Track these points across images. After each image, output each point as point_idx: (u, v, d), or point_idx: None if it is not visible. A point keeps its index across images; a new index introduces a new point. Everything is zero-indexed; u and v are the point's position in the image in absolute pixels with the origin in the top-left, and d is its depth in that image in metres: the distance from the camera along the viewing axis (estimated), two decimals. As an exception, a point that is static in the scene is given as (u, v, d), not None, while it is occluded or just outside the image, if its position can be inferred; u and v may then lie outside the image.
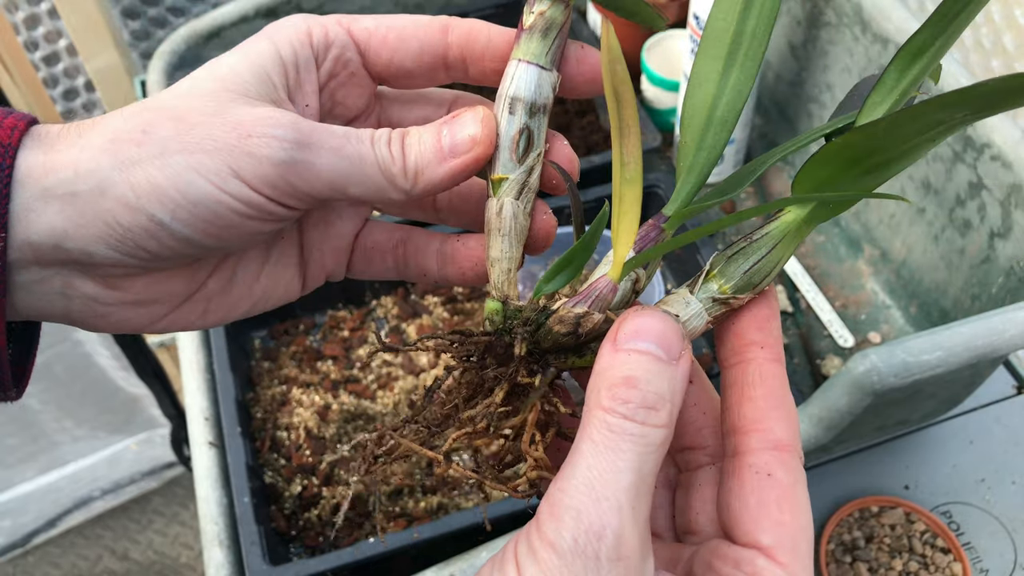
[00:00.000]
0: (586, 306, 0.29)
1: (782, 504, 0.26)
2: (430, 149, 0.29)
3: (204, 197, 0.27)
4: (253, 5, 0.87)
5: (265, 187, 0.27)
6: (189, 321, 0.32)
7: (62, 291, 0.28)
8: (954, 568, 0.61)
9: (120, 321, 0.30)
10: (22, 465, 1.24)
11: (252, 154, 0.27)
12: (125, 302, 0.30)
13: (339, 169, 0.28)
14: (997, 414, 0.70)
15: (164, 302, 0.31)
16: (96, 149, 0.27)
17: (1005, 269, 0.63)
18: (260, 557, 0.57)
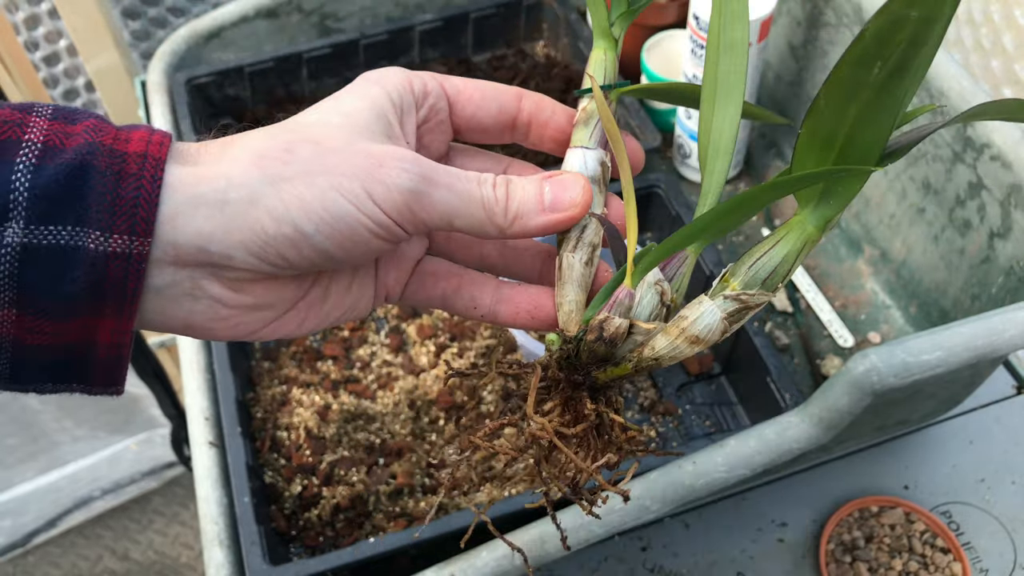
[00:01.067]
0: (607, 313, 0.33)
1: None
2: (532, 199, 0.33)
3: (345, 215, 0.30)
4: (253, 5, 0.87)
5: (393, 211, 0.31)
6: (289, 329, 0.35)
7: (190, 292, 0.31)
8: (954, 568, 0.61)
9: (235, 326, 0.33)
10: (22, 465, 1.24)
11: (383, 182, 0.31)
12: (244, 306, 0.32)
13: (450, 203, 0.32)
14: (997, 414, 0.70)
15: (275, 308, 0.34)
16: (245, 163, 0.30)
17: (1005, 269, 0.63)
18: (260, 557, 0.57)
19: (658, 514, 0.50)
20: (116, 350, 0.31)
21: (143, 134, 0.30)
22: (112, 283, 0.29)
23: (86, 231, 0.28)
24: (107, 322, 0.30)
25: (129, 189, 0.29)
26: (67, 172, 0.28)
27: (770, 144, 0.87)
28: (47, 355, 0.30)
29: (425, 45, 0.91)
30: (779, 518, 0.65)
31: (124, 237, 0.29)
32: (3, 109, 0.29)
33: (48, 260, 0.28)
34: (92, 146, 0.29)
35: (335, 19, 0.91)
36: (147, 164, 0.29)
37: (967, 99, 0.63)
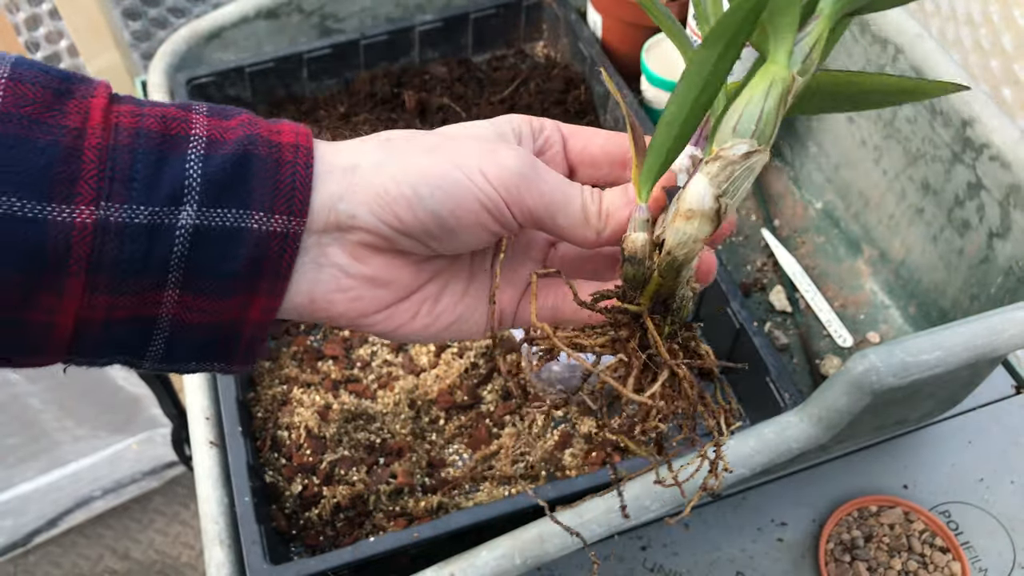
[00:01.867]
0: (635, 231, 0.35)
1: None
2: (619, 198, 0.36)
3: (458, 183, 0.33)
4: (253, 6, 0.87)
5: (502, 188, 0.33)
6: (401, 320, 0.37)
7: (316, 260, 0.34)
8: (953, 567, 0.61)
9: (354, 299, 0.35)
10: (23, 465, 1.24)
11: (497, 161, 0.34)
12: (364, 277, 0.35)
13: (555, 197, 0.35)
14: (996, 414, 0.70)
15: (391, 289, 0.36)
16: (374, 143, 0.35)
17: (1004, 269, 0.63)
18: (261, 556, 0.57)
19: (658, 514, 0.50)
20: (261, 329, 0.34)
21: (291, 127, 0.34)
22: (269, 261, 0.32)
23: (250, 213, 0.32)
24: (260, 300, 0.33)
25: (286, 175, 0.32)
26: (233, 160, 0.32)
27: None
28: (201, 333, 0.33)
29: (425, 45, 0.91)
30: (779, 518, 0.65)
31: (284, 217, 0.32)
32: (168, 107, 0.32)
33: (216, 240, 0.31)
34: (251, 138, 0.33)
35: (335, 19, 0.91)
36: (300, 153, 0.33)
37: (966, 99, 0.63)
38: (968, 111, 0.63)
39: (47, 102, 0.30)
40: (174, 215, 0.31)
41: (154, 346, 0.33)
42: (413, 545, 0.57)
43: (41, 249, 0.29)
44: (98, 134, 0.30)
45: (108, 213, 0.30)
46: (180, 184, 0.31)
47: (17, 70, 0.30)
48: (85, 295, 0.31)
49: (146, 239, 0.31)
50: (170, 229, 0.31)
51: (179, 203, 0.31)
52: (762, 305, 0.77)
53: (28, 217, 0.29)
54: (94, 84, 0.32)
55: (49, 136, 0.30)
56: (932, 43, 0.66)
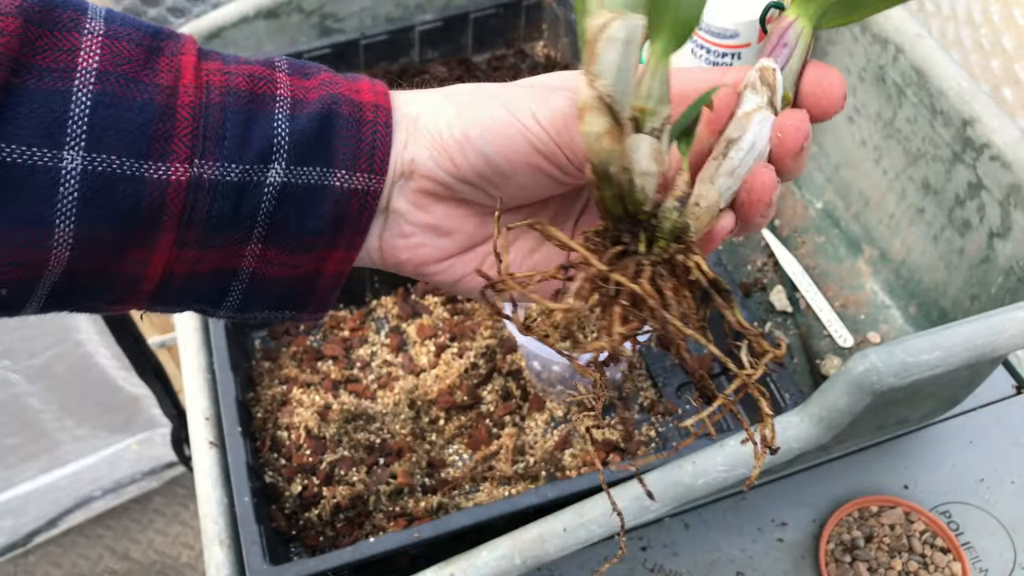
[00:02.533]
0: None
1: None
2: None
3: (508, 125, 0.33)
4: (253, 5, 0.87)
5: (552, 129, 0.33)
6: (463, 272, 0.37)
7: (383, 208, 0.35)
8: (953, 568, 0.61)
9: (416, 246, 0.35)
10: (23, 465, 1.24)
11: (548, 103, 0.33)
12: (426, 224, 0.35)
13: None
14: (997, 414, 0.70)
15: (454, 238, 0.36)
16: (440, 94, 0.35)
17: (1004, 269, 0.63)
18: (260, 556, 0.57)
19: (658, 514, 0.50)
20: (336, 280, 0.35)
21: (369, 85, 0.35)
22: (350, 217, 0.33)
23: (333, 171, 0.33)
24: (338, 254, 0.34)
25: (367, 134, 0.33)
26: (318, 120, 0.33)
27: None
28: (279, 286, 0.34)
29: (425, 45, 0.91)
30: (779, 518, 0.65)
31: (365, 175, 0.33)
32: (253, 65, 0.33)
33: (301, 197, 0.32)
34: (335, 97, 0.33)
35: (335, 19, 0.91)
36: (380, 112, 0.34)
37: (966, 99, 0.63)
38: (969, 111, 0.63)
39: (141, 60, 0.30)
40: (263, 172, 0.32)
41: (231, 297, 0.34)
42: (413, 545, 0.57)
43: (137, 207, 0.30)
44: (191, 92, 0.31)
45: (202, 171, 0.31)
46: (269, 143, 0.32)
47: (111, 26, 0.30)
48: (174, 250, 0.31)
49: (236, 196, 0.31)
50: (259, 186, 0.32)
51: (268, 161, 0.32)
52: (762, 305, 0.77)
53: (127, 175, 0.30)
54: (182, 40, 0.32)
55: (144, 95, 0.30)
56: (932, 43, 0.66)
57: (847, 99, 0.76)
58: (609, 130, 0.29)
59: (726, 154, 0.31)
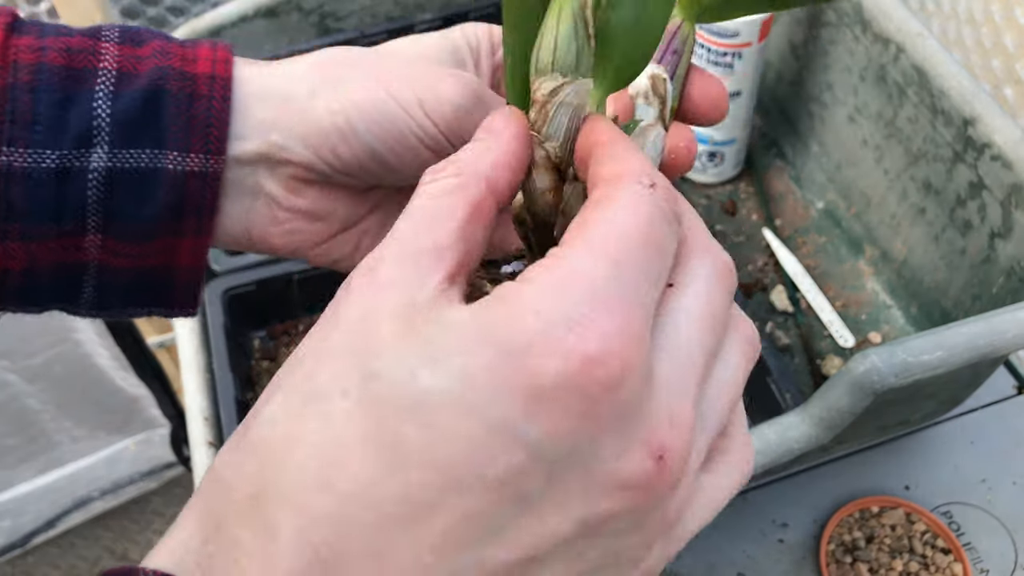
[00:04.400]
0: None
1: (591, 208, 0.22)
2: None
3: (395, 118, 0.31)
4: (253, 5, 0.87)
5: (442, 123, 0.31)
6: (341, 253, 0.35)
7: (252, 190, 0.32)
8: (955, 568, 0.61)
9: (290, 231, 0.33)
10: (21, 465, 1.24)
11: (437, 93, 0.31)
12: (300, 210, 0.33)
13: None
14: (998, 414, 0.70)
15: (329, 222, 0.34)
16: (307, 66, 0.32)
17: (1006, 269, 0.63)
18: (259, 557, 0.56)
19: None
20: (195, 271, 0.32)
21: (207, 51, 0.31)
22: (190, 201, 0.31)
23: (164, 152, 0.30)
24: (187, 241, 0.31)
25: (201, 109, 0.30)
26: (143, 97, 0.30)
27: (771, 143, 0.87)
28: (131, 278, 0.32)
29: (425, 45, 0.91)
30: (779, 519, 0.65)
31: (200, 156, 0.30)
32: (73, 37, 0.30)
33: (132, 182, 0.30)
34: (163, 70, 0.30)
35: (335, 18, 0.91)
36: (216, 84, 0.31)
37: (968, 99, 0.63)
38: (970, 110, 0.62)
39: None
40: (85, 158, 0.29)
41: (86, 293, 0.32)
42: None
43: None
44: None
45: (11, 159, 0.28)
46: (88, 125, 0.29)
47: None
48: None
49: (56, 184, 0.29)
50: (82, 173, 0.29)
51: (89, 145, 0.29)
52: (763, 305, 0.77)
53: None
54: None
55: None
56: (933, 42, 0.66)
57: (849, 99, 0.76)
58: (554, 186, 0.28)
59: None
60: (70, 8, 0.94)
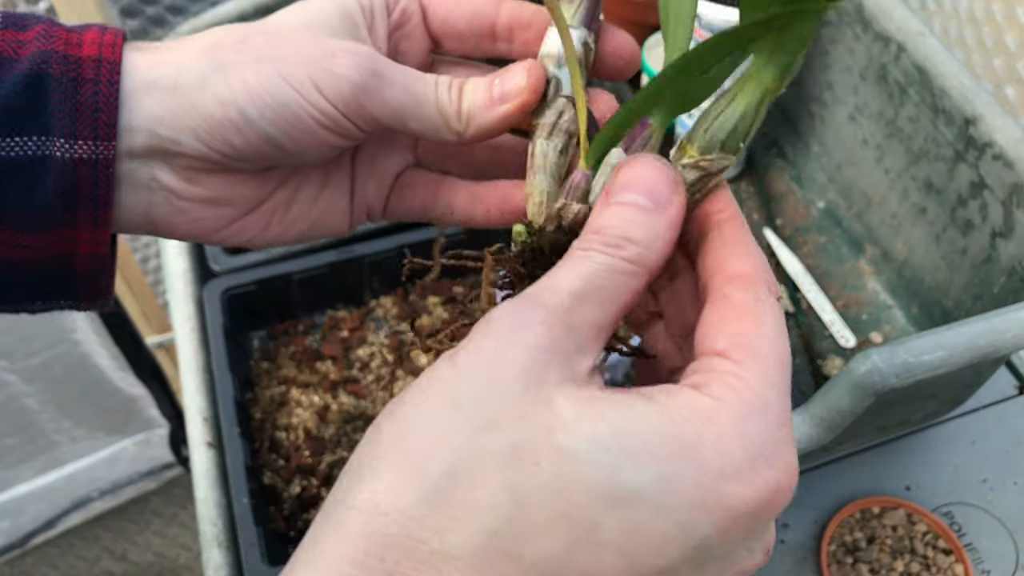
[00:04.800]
0: (563, 199, 0.31)
1: (742, 317, 0.25)
2: (482, 96, 0.32)
3: (289, 101, 0.30)
4: (252, 4, 0.87)
5: (340, 103, 0.30)
6: (252, 233, 0.34)
7: (147, 184, 0.31)
8: (956, 569, 0.61)
9: (195, 220, 0.33)
10: (20, 466, 1.24)
11: (332, 72, 0.30)
12: (201, 198, 0.32)
13: (403, 102, 0.31)
14: (999, 414, 0.70)
15: (234, 206, 0.33)
16: (197, 51, 0.30)
17: (1007, 269, 0.63)
18: (259, 558, 0.56)
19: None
20: (97, 261, 0.31)
21: (95, 35, 0.30)
22: (83, 190, 0.29)
23: (51, 139, 0.29)
24: (84, 232, 0.30)
25: (87, 94, 0.29)
26: (25, 83, 0.29)
27: (771, 143, 0.87)
28: (29, 270, 0.31)
29: (424, 44, 0.90)
30: (780, 519, 0.65)
31: (89, 143, 0.29)
32: None
33: (19, 171, 0.29)
34: (46, 54, 0.29)
35: (334, 18, 0.91)
36: (103, 68, 0.29)
37: (969, 98, 0.62)
38: (971, 110, 0.62)
39: None
40: None
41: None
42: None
43: None
44: None
45: None
46: None
47: None
48: None
49: None
50: None
51: None
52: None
53: None
54: None
55: None
56: (935, 41, 0.65)
57: (850, 98, 0.75)
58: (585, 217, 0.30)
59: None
60: (68, 6, 0.94)
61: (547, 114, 0.33)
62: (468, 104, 0.32)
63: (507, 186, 0.36)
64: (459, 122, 0.32)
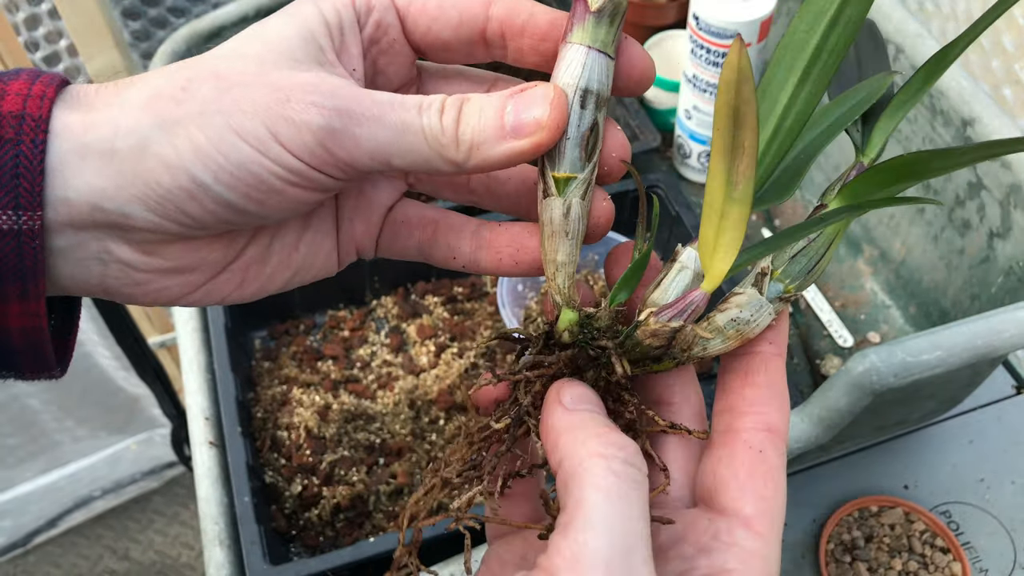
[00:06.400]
0: (682, 320, 0.29)
1: (767, 480, 0.27)
2: (491, 123, 0.27)
3: (246, 160, 0.26)
4: (253, 5, 0.87)
5: (304, 154, 0.26)
6: (226, 292, 0.31)
7: (98, 256, 0.28)
8: (953, 568, 0.61)
9: (157, 290, 0.29)
10: (23, 465, 1.24)
11: (290, 119, 0.26)
12: (162, 269, 0.29)
13: (380, 139, 0.27)
14: (996, 414, 0.70)
15: (201, 271, 0.30)
16: (136, 107, 0.26)
17: (1004, 269, 0.63)
18: (260, 557, 0.57)
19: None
20: (33, 334, 0.27)
21: (21, 86, 0.26)
22: (6, 263, 0.26)
23: None
24: (13, 306, 0.27)
25: (7, 157, 0.25)
26: None
27: (770, 144, 0.87)
28: None
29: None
30: (779, 518, 0.65)
31: (9, 213, 0.25)
32: None
33: None
34: None
35: (335, 19, 0.91)
36: (25, 126, 0.25)
37: (966, 99, 0.63)
38: (969, 111, 0.63)
39: None
40: None
41: None
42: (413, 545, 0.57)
43: None
44: None
45: None
46: None
47: None
48: None
49: None
50: None
51: None
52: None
53: None
54: None
55: None
56: (933, 43, 0.66)
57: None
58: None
59: None
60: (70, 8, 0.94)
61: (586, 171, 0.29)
62: (471, 130, 0.27)
63: (518, 231, 0.32)
64: (457, 150, 0.27)
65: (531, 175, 0.32)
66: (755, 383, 0.28)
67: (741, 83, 0.26)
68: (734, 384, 0.29)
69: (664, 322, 0.29)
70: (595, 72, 0.28)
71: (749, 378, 0.29)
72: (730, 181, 0.27)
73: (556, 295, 0.30)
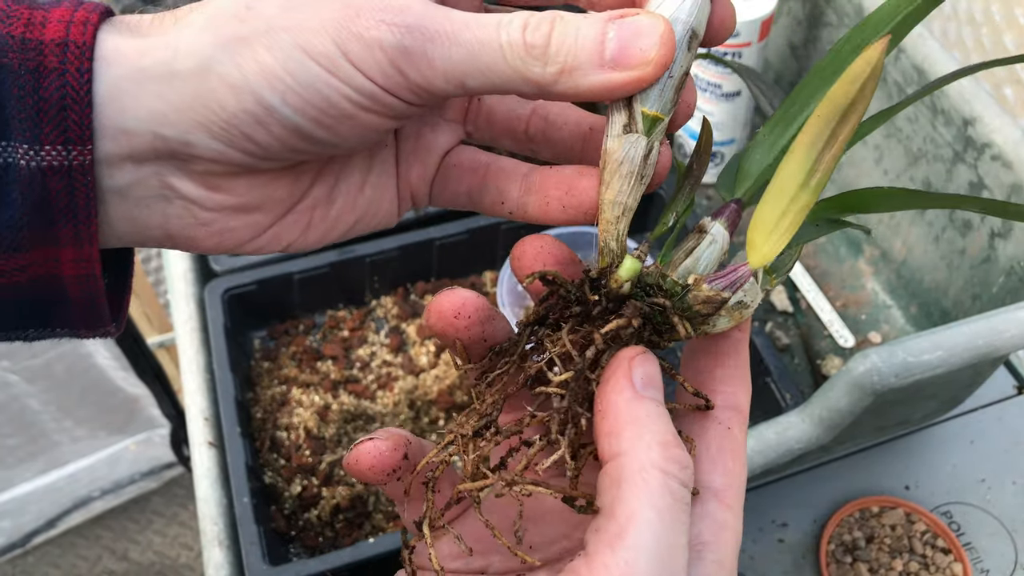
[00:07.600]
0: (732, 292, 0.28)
1: (735, 455, 0.28)
2: (589, 47, 0.25)
3: (315, 80, 0.24)
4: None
5: (377, 75, 0.24)
6: (292, 237, 0.29)
7: (160, 193, 0.26)
8: (954, 568, 0.61)
9: (222, 231, 0.28)
10: (22, 465, 1.24)
11: (360, 36, 0.24)
12: (227, 207, 0.27)
13: (456, 58, 0.25)
14: (998, 414, 0.70)
15: (267, 210, 0.28)
16: (197, 27, 0.25)
17: (1005, 269, 0.63)
18: (260, 557, 0.57)
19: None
20: (88, 283, 0.26)
21: (64, 12, 0.24)
22: (56, 202, 0.24)
23: (13, 145, 0.24)
24: (66, 251, 0.25)
25: (52, 88, 0.24)
26: None
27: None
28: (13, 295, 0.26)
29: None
30: (779, 518, 0.65)
31: (58, 148, 0.24)
32: None
33: None
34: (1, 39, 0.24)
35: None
36: (69, 54, 0.24)
37: (967, 99, 0.63)
38: (970, 111, 0.62)
39: None
40: None
41: None
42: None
43: None
44: None
45: None
46: None
47: None
48: None
49: None
50: None
51: None
52: (763, 305, 0.77)
53: None
54: None
55: None
56: (934, 43, 0.66)
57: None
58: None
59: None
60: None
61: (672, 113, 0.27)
62: (565, 53, 0.25)
63: (571, 173, 0.30)
64: (545, 69, 0.25)
65: (586, 120, 0.30)
66: (725, 364, 0.29)
67: (869, 80, 0.25)
68: (707, 364, 0.29)
69: (718, 290, 0.28)
70: (704, 11, 0.27)
71: (721, 359, 0.29)
72: (812, 169, 0.27)
73: (613, 242, 0.28)
